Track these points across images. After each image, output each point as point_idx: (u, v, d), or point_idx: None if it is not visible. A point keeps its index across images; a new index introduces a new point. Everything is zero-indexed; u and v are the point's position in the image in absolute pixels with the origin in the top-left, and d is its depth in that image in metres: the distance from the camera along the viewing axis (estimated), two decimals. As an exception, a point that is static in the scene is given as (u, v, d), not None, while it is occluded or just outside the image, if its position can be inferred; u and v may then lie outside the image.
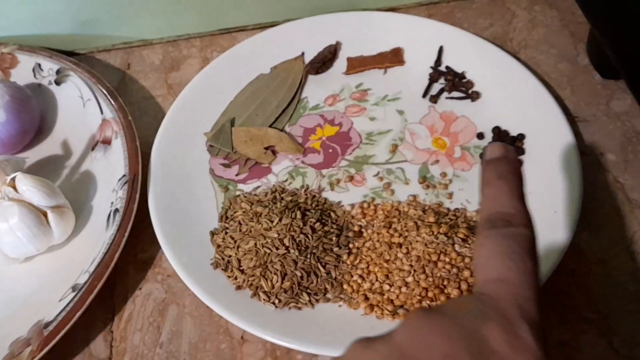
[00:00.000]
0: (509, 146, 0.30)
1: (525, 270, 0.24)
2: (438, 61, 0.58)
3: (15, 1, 0.58)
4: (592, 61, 0.58)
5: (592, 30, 0.57)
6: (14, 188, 0.47)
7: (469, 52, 0.58)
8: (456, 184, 0.50)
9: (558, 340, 0.43)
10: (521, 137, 0.52)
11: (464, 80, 0.57)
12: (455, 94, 0.56)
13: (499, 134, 0.52)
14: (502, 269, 0.25)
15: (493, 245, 0.26)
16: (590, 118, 0.54)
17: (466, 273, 0.42)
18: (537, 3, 0.64)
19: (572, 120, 0.53)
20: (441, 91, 0.56)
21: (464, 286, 0.42)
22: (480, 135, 0.53)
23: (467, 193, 0.50)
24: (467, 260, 0.43)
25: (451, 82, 0.56)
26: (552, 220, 0.46)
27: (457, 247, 0.43)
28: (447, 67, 0.58)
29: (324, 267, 0.45)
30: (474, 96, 0.55)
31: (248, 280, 0.45)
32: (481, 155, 0.51)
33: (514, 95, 0.54)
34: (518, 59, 0.57)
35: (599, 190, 0.50)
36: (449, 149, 0.53)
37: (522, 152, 0.51)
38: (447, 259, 0.43)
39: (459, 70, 0.57)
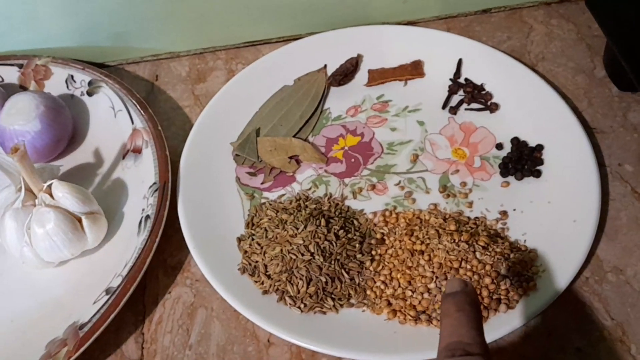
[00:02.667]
0: (467, 281, 0.31)
1: None
2: (457, 73, 0.60)
3: (49, 16, 0.61)
4: (609, 74, 0.59)
5: (608, 44, 0.58)
6: (50, 195, 0.48)
7: (488, 65, 0.59)
8: (476, 193, 0.52)
9: (576, 346, 0.44)
10: (540, 147, 0.53)
11: (483, 92, 0.58)
12: (474, 105, 0.58)
13: (518, 145, 0.54)
14: None
15: None
16: (608, 130, 0.55)
17: (487, 280, 0.44)
18: (554, 17, 0.65)
19: (589, 131, 0.54)
20: (460, 103, 0.58)
21: (484, 293, 0.43)
22: (500, 146, 0.54)
23: (486, 202, 0.51)
24: (487, 267, 0.44)
25: (470, 93, 0.58)
26: (571, 229, 0.47)
27: (478, 254, 0.45)
28: (466, 79, 0.59)
29: (347, 273, 0.47)
30: (493, 108, 0.57)
31: (274, 285, 0.47)
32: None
33: (532, 107, 0.56)
34: (536, 71, 0.58)
35: (616, 200, 0.51)
36: (468, 159, 0.54)
37: (541, 162, 0.52)
38: (469, 266, 0.44)
39: (478, 83, 0.59)
